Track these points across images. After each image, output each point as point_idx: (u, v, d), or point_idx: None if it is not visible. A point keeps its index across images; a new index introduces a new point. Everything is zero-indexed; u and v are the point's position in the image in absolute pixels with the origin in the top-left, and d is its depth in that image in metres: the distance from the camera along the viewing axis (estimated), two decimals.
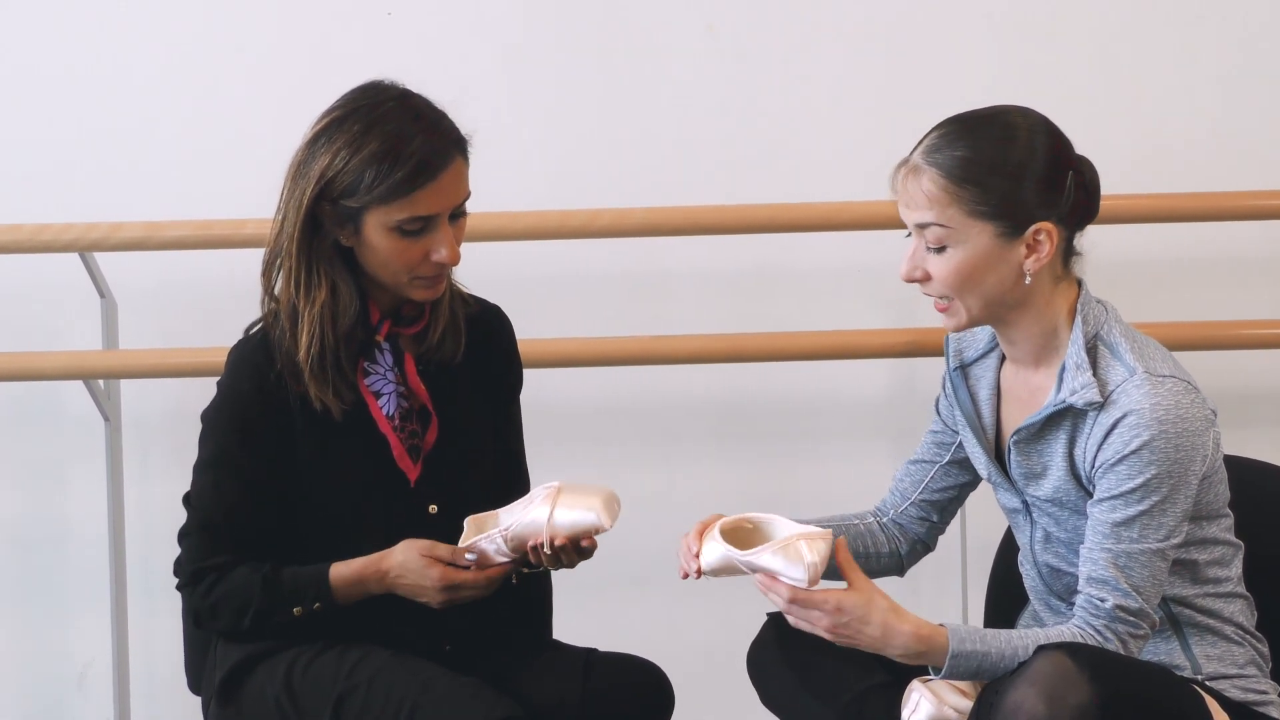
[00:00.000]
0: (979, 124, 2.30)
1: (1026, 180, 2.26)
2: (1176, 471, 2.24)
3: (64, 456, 3.51)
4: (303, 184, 2.37)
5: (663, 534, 3.46)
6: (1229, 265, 3.44)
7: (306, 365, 2.39)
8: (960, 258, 2.28)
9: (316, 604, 2.39)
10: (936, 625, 2.24)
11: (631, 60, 3.47)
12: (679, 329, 3.39)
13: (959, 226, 2.27)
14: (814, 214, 3.27)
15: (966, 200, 2.26)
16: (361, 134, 2.34)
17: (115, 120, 3.48)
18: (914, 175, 2.29)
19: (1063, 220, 2.29)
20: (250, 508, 2.41)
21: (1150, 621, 2.26)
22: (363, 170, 2.33)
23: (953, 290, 2.30)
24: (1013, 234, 2.27)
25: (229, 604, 2.40)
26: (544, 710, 2.40)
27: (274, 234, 2.42)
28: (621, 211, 3.27)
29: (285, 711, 2.40)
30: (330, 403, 2.40)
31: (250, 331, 2.48)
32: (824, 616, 2.22)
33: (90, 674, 3.54)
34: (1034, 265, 2.28)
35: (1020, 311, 2.31)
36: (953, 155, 2.27)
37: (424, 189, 2.35)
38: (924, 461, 2.51)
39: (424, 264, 2.38)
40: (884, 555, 2.52)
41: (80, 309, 3.42)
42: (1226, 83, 3.43)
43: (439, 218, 2.37)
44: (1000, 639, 2.23)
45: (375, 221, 2.36)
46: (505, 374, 2.57)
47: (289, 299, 2.40)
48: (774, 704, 2.43)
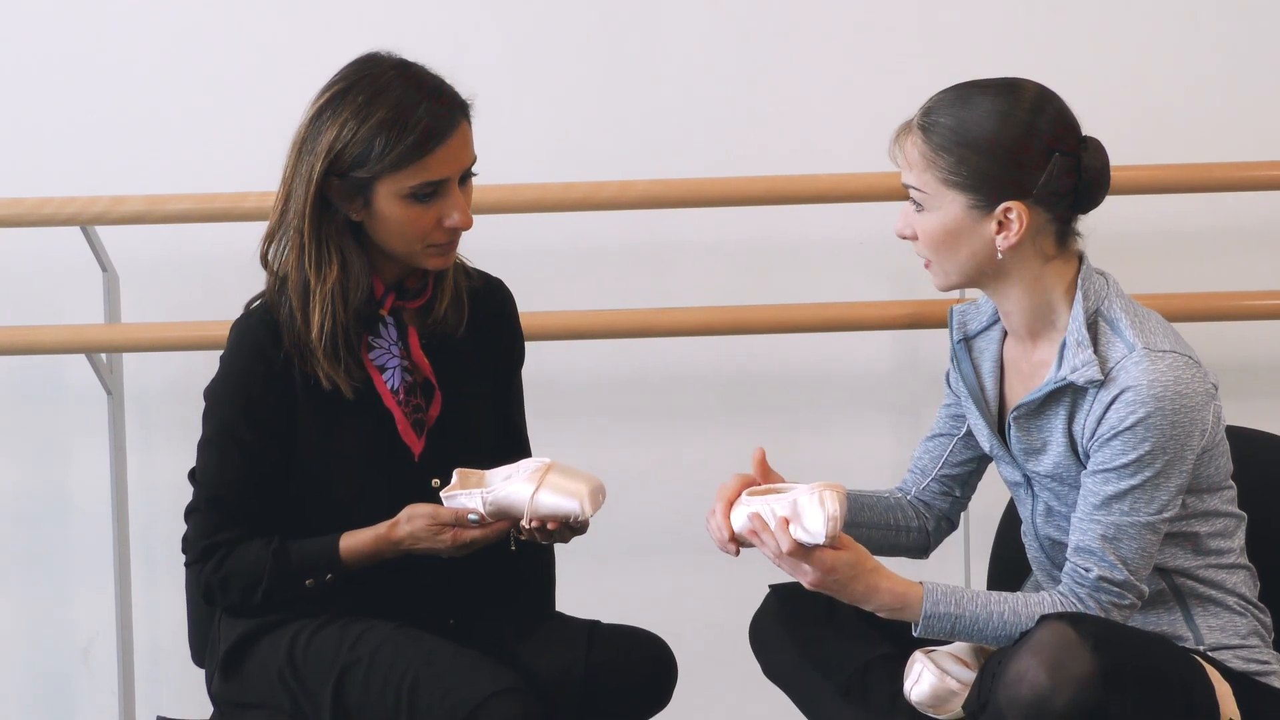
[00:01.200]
0: (978, 94, 2.29)
1: (1001, 158, 2.26)
2: (1172, 447, 2.24)
3: (66, 430, 3.52)
4: (310, 159, 2.36)
5: (665, 507, 3.48)
6: (1231, 236, 3.43)
7: (320, 345, 2.38)
8: (934, 222, 2.29)
9: (329, 575, 2.40)
10: (915, 583, 2.26)
11: (634, 32, 3.46)
12: (682, 301, 3.38)
13: (933, 193, 2.28)
14: (817, 186, 3.26)
15: (941, 168, 2.27)
16: (367, 104, 2.34)
17: (117, 94, 3.47)
18: (906, 134, 2.32)
19: (1041, 202, 2.28)
20: (255, 482, 2.41)
21: (1137, 592, 2.26)
22: (372, 139, 2.33)
23: (930, 253, 2.32)
24: (984, 207, 2.27)
25: (240, 579, 2.41)
26: (547, 682, 2.41)
27: (276, 209, 2.42)
28: (624, 184, 3.26)
29: (289, 684, 2.41)
30: (341, 381, 2.40)
31: (251, 306, 2.47)
32: (813, 572, 2.24)
33: (94, 648, 3.55)
34: (1004, 243, 2.28)
35: (1002, 284, 2.31)
36: (938, 122, 2.28)
37: (434, 153, 2.35)
38: (940, 436, 2.52)
39: (437, 230, 2.39)
40: (912, 530, 2.53)
41: (82, 283, 3.41)
42: (1228, 53, 3.42)
43: (450, 182, 2.38)
44: (978, 601, 2.25)
45: (386, 191, 2.36)
46: (508, 347, 2.57)
47: (300, 277, 2.39)
48: (776, 676, 2.44)
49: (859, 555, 2.26)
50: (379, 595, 2.44)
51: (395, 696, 2.32)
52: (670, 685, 2.48)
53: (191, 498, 2.47)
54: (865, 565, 2.25)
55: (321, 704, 2.38)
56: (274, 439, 2.41)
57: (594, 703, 2.41)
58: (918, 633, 2.27)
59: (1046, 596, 2.26)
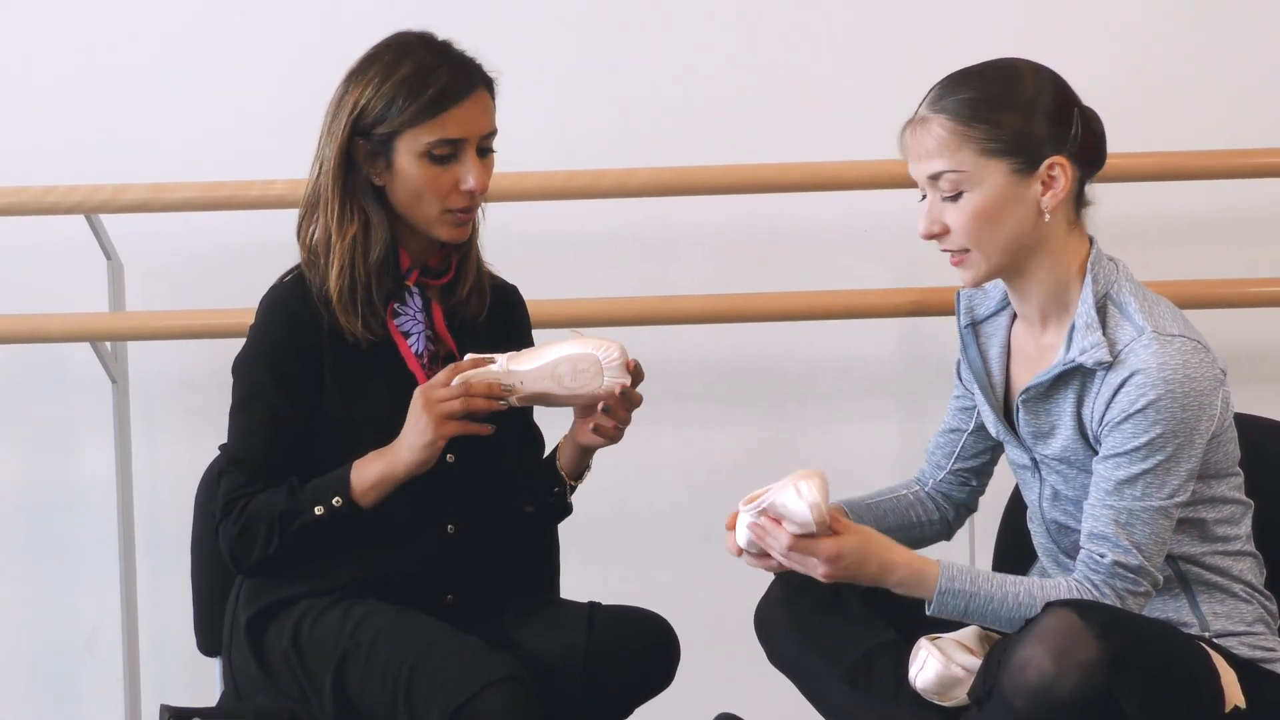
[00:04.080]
0: (981, 70, 2.31)
1: (1037, 114, 2.27)
2: (1182, 431, 2.24)
3: (71, 419, 3.52)
4: (339, 119, 2.44)
5: (669, 494, 3.48)
6: (1238, 223, 3.43)
7: (336, 294, 2.43)
8: (978, 200, 2.28)
9: (336, 498, 2.41)
10: (932, 560, 2.26)
11: (636, 19, 3.45)
12: (685, 289, 3.38)
13: (973, 169, 2.27)
14: (820, 173, 3.26)
15: (978, 139, 2.27)
16: (392, 64, 2.43)
17: (122, 82, 3.47)
18: (922, 126, 2.30)
19: (1074, 157, 2.28)
20: (283, 442, 2.45)
21: (1152, 579, 2.26)
22: (394, 95, 2.41)
23: (972, 238, 2.30)
24: (1028, 169, 2.27)
25: (257, 520, 2.43)
26: (549, 665, 2.41)
27: (310, 184, 2.48)
28: (627, 172, 3.26)
29: (293, 667, 2.42)
30: (359, 333, 2.44)
31: (283, 279, 2.52)
32: (821, 564, 2.24)
33: (99, 637, 3.55)
34: (1051, 201, 2.28)
35: (1036, 258, 2.31)
36: (959, 99, 2.28)
37: (451, 110, 2.42)
38: (952, 430, 2.52)
39: (454, 194, 2.44)
40: (933, 523, 2.54)
41: (86, 271, 3.41)
42: (1235, 40, 3.42)
43: (467, 145, 2.43)
44: (993, 582, 2.25)
45: (406, 148, 2.42)
46: (519, 347, 2.59)
47: (325, 236, 2.46)
48: (781, 662, 2.44)
49: (863, 537, 2.26)
50: (379, 570, 2.46)
51: (394, 684, 2.34)
52: (673, 665, 2.49)
53: (221, 460, 2.50)
54: (873, 545, 2.25)
55: (322, 690, 2.39)
56: (300, 398, 2.45)
57: (596, 684, 2.42)
58: (931, 610, 2.26)
59: (1062, 581, 2.26)
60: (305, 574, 2.46)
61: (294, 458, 2.45)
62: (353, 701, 2.38)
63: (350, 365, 2.46)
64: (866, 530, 2.27)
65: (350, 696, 2.38)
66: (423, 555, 2.48)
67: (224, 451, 2.50)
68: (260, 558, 2.44)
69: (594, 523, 2.55)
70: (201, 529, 2.63)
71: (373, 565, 2.46)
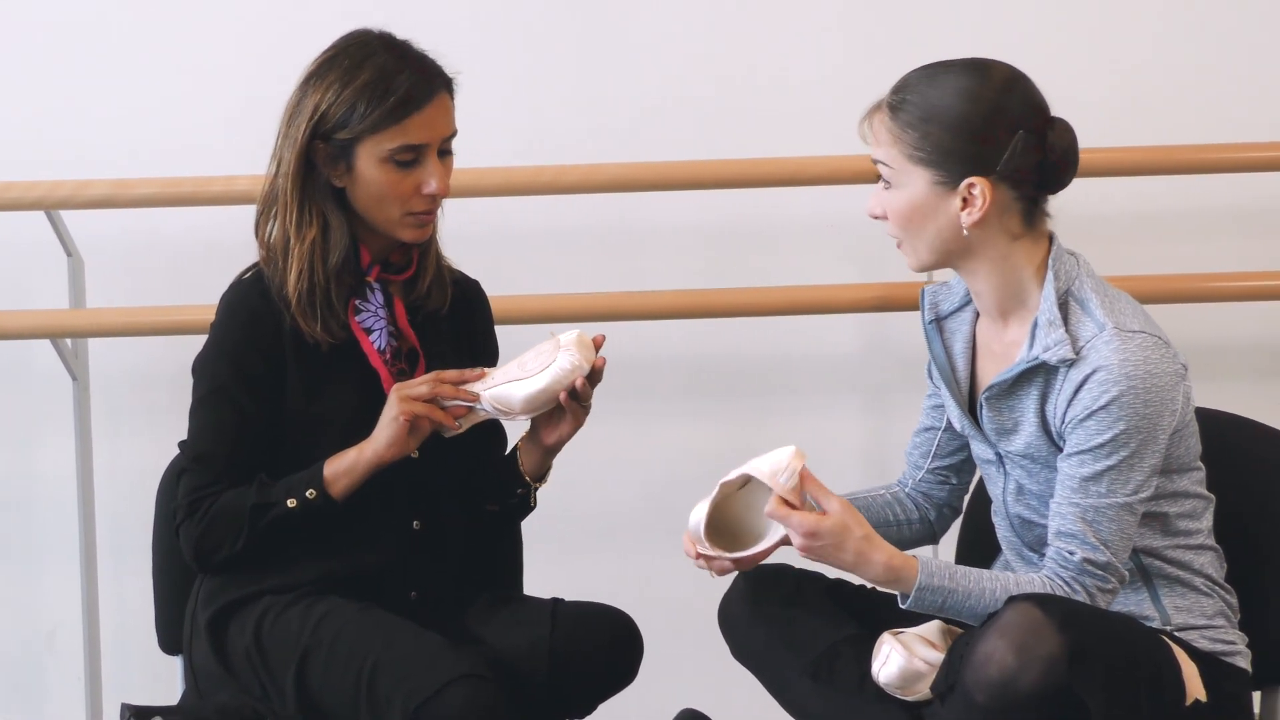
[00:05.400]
0: (947, 72, 2.30)
1: (963, 134, 2.26)
2: (1145, 427, 2.25)
3: (31, 416, 3.50)
4: (297, 122, 2.43)
5: (634, 489, 3.48)
6: (1199, 219, 3.44)
7: (294, 299, 2.43)
8: (903, 199, 2.30)
9: (310, 490, 2.40)
10: (909, 556, 2.26)
11: (601, 15, 3.45)
12: (651, 285, 3.38)
13: (899, 169, 2.29)
14: (784, 169, 3.26)
15: (906, 144, 2.28)
16: (352, 68, 2.42)
17: (82, 77, 3.45)
18: (876, 111, 2.33)
19: (1005, 180, 2.28)
20: (244, 440, 2.44)
21: (1119, 575, 2.27)
22: (355, 101, 2.40)
23: (900, 231, 2.33)
24: (948, 183, 2.28)
25: (224, 517, 2.42)
26: (512, 662, 2.41)
27: (267, 183, 2.47)
28: (592, 167, 3.26)
29: (254, 664, 2.42)
30: (319, 336, 2.44)
31: (242, 277, 2.51)
32: (797, 538, 2.24)
33: (60, 634, 3.53)
34: (968, 219, 2.28)
35: (972, 262, 2.32)
36: (905, 99, 2.29)
37: (413, 117, 2.42)
38: (927, 429, 2.52)
39: (416, 198, 2.44)
40: (914, 522, 2.54)
41: (47, 267, 3.40)
42: (1197, 37, 3.43)
43: (429, 149, 2.43)
44: (970, 578, 2.26)
45: (367, 154, 2.42)
46: (483, 344, 2.61)
47: (282, 236, 2.45)
48: (745, 657, 2.44)
49: (845, 521, 2.25)
50: (343, 567, 2.45)
51: (356, 681, 2.33)
52: (636, 660, 2.49)
53: (181, 458, 2.49)
54: (853, 532, 2.24)
55: (284, 688, 2.39)
56: (263, 397, 2.44)
57: (560, 680, 2.42)
58: (907, 605, 2.26)
59: (1036, 578, 2.27)
60: (267, 571, 2.45)
61: (257, 456, 2.44)
62: (315, 699, 2.38)
63: (312, 362, 2.46)
64: (849, 518, 2.25)
65: (312, 694, 2.38)
66: (387, 552, 2.47)
67: (184, 450, 2.49)
68: (227, 555, 2.43)
69: (557, 518, 2.54)
70: (162, 527, 2.62)
71: (336, 562, 2.46)
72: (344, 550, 2.46)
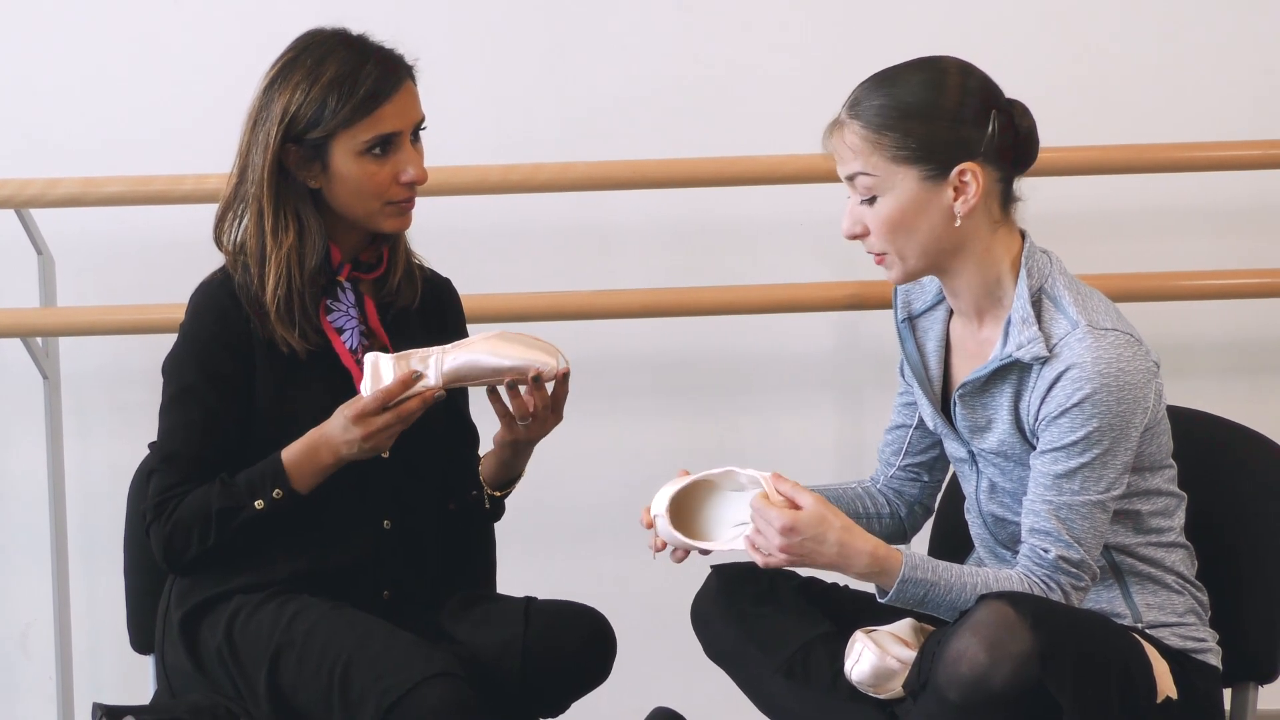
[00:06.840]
0: (899, 73, 2.31)
1: (945, 121, 2.27)
2: (1118, 424, 2.26)
3: (2, 415, 3.48)
4: (266, 127, 2.42)
5: (606, 488, 3.48)
6: (1168, 217, 3.45)
7: (273, 308, 2.43)
8: (891, 206, 2.29)
9: (276, 491, 2.40)
10: (893, 548, 2.26)
11: (573, 13, 3.45)
12: (623, 284, 3.38)
13: (884, 174, 2.28)
14: (756, 168, 3.26)
15: (888, 146, 2.27)
16: (315, 67, 2.42)
17: (51, 75, 3.44)
18: (839, 130, 2.31)
19: (990, 161, 2.29)
20: (214, 441, 2.44)
21: (1091, 572, 2.28)
22: (324, 98, 2.41)
23: (888, 241, 2.30)
24: (938, 176, 2.28)
25: (191, 518, 2.42)
26: (485, 660, 2.41)
27: (230, 185, 2.46)
28: (564, 165, 3.26)
29: (227, 663, 2.41)
30: (296, 344, 2.43)
31: (211, 277, 2.50)
32: (776, 535, 2.23)
33: (32, 634, 3.52)
34: (963, 207, 2.28)
35: (959, 259, 2.32)
36: (871, 105, 2.28)
37: (384, 106, 2.42)
38: (898, 426, 2.52)
39: (394, 186, 2.45)
40: (884, 516, 2.53)
41: (17, 266, 3.38)
42: (1166, 34, 3.44)
43: (402, 135, 2.44)
44: (951, 573, 2.26)
45: (342, 149, 2.42)
46: (454, 339, 2.58)
47: (257, 244, 2.44)
48: (717, 655, 2.44)
49: (822, 513, 2.24)
50: (315, 566, 2.45)
51: (328, 679, 2.33)
52: (609, 659, 2.49)
53: (152, 458, 2.48)
54: (832, 523, 2.24)
55: (257, 686, 2.38)
56: (233, 398, 2.44)
57: (533, 679, 2.42)
58: (888, 598, 2.25)
59: (1014, 574, 2.27)
60: (239, 570, 2.45)
61: (226, 456, 2.44)
62: (287, 697, 2.37)
63: (283, 361, 2.45)
64: (825, 510, 2.25)
65: (285, 692, 2.37)
66: (359, 551, 2.47)
67: (154, 450, 2.48)
68: (195, 556, 2.43)
69: (530, 517, 2.54)
70: (134, 526, 2.61)
71: (308, 561, 2.45)
72: (316, 549, 2.45)
